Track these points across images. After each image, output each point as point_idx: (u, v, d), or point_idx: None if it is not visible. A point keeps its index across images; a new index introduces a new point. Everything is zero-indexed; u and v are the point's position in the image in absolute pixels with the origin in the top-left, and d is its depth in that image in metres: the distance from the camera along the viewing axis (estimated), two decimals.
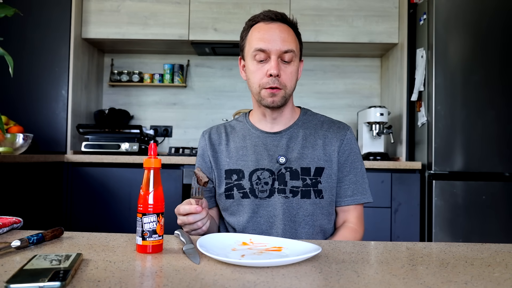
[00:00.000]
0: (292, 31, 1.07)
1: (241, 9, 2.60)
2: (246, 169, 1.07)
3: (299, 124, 1.12)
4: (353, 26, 2.60)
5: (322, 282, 0.55)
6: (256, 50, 1.03)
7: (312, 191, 1.05)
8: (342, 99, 2.99)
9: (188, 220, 0.90)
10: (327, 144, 1.09)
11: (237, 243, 0.77)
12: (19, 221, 0.86)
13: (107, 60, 3.05)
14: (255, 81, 1.05)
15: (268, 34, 1.03)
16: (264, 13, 1.07)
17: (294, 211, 1.05)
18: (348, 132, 1.12)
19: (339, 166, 1.09)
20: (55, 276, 0.52)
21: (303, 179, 1.05)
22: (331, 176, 1.07)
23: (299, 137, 1.09)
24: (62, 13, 2.52)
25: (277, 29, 1.04)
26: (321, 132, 1.11)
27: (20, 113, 2.45)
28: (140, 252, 0.69)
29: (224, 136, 1.15)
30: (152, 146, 0.74)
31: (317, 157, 1.07)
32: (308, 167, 1.06)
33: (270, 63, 1.02)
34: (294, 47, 1.04)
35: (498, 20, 2.27)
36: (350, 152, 1.10)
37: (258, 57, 1.03)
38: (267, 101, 1.04)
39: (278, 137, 1.10)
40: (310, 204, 1.05)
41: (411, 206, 2.30)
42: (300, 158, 1.06)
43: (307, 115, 1.15)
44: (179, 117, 3.01)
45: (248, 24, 1.09)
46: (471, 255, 0.71)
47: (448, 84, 2.26)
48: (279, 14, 1.07)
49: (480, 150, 2.23)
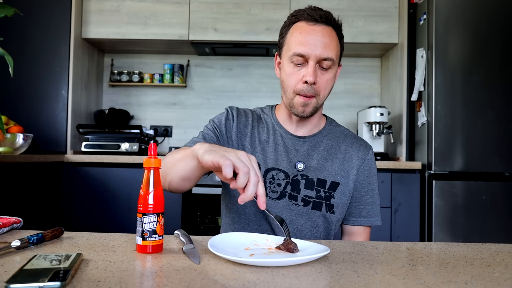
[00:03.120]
0: (335, 34, 0.99)
1: (241, 9, 2.60)
2: (263, 164, 1.04)
3: (323, 133, 1.09)
4: (353, 26, 2.60)
5: (322, 282, 0.55)
6: (294, 54, 0.96)
7: (324, 204, 1.02)
8: (342, 99, 2.99)
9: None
10: (347, 160, 1.06)
11: (253, 242, 0.76)
12: (19, 221, 0.86)
13: (107, 60, 3.05)
14: (289, 85, 1.00)
15: (309, 37, 0.95)
16: (309, 12, 0.98)
17: (302, 220, 1.03)
18: (370, 152, 1.09)
19: (356, 185, 1.06)
20: (55, 276, 0.52)
21: (317, 190, 1.02)
22: (345, 193, 1.04)
23: (321, 147, 1.07)
24: (62, 13, 2.52)
25: (320, 32, 0.96)
26: (343, 146, 1.08)
27: (20, 113, 2.45)
28: (140, 252, 0.69)
29: (251, 121, 1.10)
30: (152, 146, 0.74)
31: (335, 171, 1.04)
32: (324, 179, 1.03)
33: (307, 68, 0.96)
34: (334, 54, 0.96)
35: (498, 20, 2.27)
36: (369, 173, 1.08)
37: (296, 61, 0.97)
38: (298, 110, 1.00)
39: (301, 142, 1.07)
40: (319, 216, 1.03)
41: (411, 206, 2.30)
42: (318, 169, 1.03)
43: (332, 126, 1.12)
44: (179, 117, 3.01)
45: (290, 20, 1.01)
46: (471, 255, 0.71)
47: (448, 84, 2.26)
48: (324, 16, 0.98)
49: (480, 150, 2.23)
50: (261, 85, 3.01)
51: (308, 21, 0.98)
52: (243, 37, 2.59)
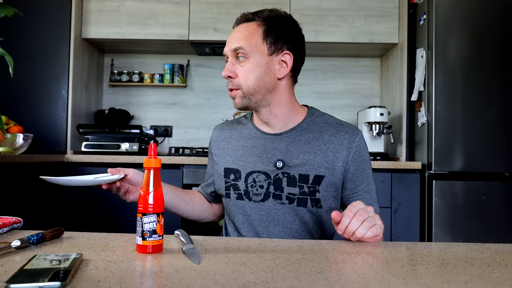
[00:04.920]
0: (255, 26, 1.00)
1: (241, 9, 2.58)
2: (243, 170, 1.05)
3: (303, 126, 1.06)
4: (353, 26, 2.60)
5: (322, 282, 0.55)
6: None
7: (309, 199, 1.01)
8: (342, 99, 2.99)
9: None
10: (331, 151, 1.02)
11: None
12: (19, 221, 0.86)
13: (107, 60, 3.05)
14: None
15: (229, 38, 1.02)
16: (238, 18, 1.05)
17: (290, 217, 1.03)
18: (357, 139, 1.04)
19: (349, 176, 1.04)
20: (55, 276, 0.52)
21: (300, 187, 1.01)
22: (331, 185, 1.02)
23: (301, 140, 1.04)
24: (62, 13, 2.52)
25: (237, 30, 1.01)
26: (326, 136, 1.04)
27: (20, 113, 2.45)
28: (140, 252, 0.69)
29: (229, 132, 1.14)
30: (152, 146, 0.74)
31: (318, 164, 1.02)
32: (307, 175, 1.01)
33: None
34: (244, 44, 0.98)
35: (498, 20, 2.27)
36: (360, 160, 1.05)
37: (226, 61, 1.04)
38: (233, 103, 1.06)
39: (278, 139, 1.05)
40: (306, 212, 1.02)
41: (411, 206, 2.30)
42: (299, 164, 1.01)
43: (314, 117, 1.08)
44: (179, 117, 3.01)
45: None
46: (471, 255, 0.71)
47: (448, 84, 2.26)
48: (244, 16, 1.03)
49: (480, 150, 2.23)
50: None
51: (235, 25, 1.04)
52: None
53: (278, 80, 1.02)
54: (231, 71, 1.00)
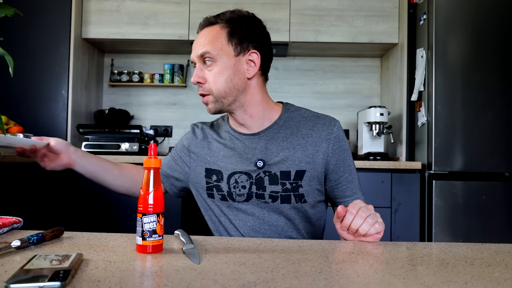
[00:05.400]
0: (219, 29, 0.99)
1: None
2: (225, 171, 1.05)
3: (279, 123, 1.06)
4: (353, 26, 2.60)
5: (322, 282, 0.55)
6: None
7: (293, 195, 1.01)
8: (342, 99, 2.99)
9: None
10: (310, 144, 1.02)
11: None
12: (19, 221, 0.86)
13: (107, 60, 3.05)
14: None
15: (194, 44, 1.02)
16: (201, 22, 1.04)
17: (275, 215, 1.03)
18: (335, 129, 1.04)
19: (331, 168, 1.04)
20: (55, 276, 0.52)
21: (282, 184, 1.01)
22: (314, 179, 1.02)
23: (279, 138, 1.04)
24: (62, 13, 2.52)
25: (201, 35, 1.01)
26: (304, 130, 1.04)
27: (20, 113, 2.45)
28: (140, 252, 0.69)
29: (208, 133, 1.13)
30: (152, 146, 0.74)
31: (298, 159, 1.01)
32: (288, 171, 1.01)
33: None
34: (210, 48, 0.97)
35: (498, 20, 2.27)
36: (340, 151, 1.04)
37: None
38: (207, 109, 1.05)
39: (256, 139, 1.05)
40: (290, 209, 1.02)
41: (411, 206, 2.30)
42: (279, 162, 1.01)
43: (290, 112, 1.08)
44: (179, 117, 3.01)
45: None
46: (471, 255, 0.71)
47: (448, 84, 2.26)
48: (207, 20, 1.02)
49: (480, 150, 2.23)
50: None
51: (199, 30, 1.03)
52: None
53: (248, 80, 1.02)
54: (200, 76, 1.00)
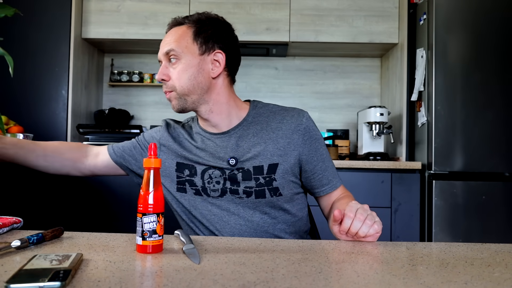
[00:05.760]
0: (185, 28, 1.02)
1: (241, 9, 2.60)
2: (198, 167, 1.05)
3: (248, 120, 1.06)
4: (353, 26, 2.60)
5: (322, 282, 0.55)
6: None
7: (267, 190, 1.01)
8: (342, 99, 2.99)
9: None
10: (281, 137, 1.03)
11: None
12: (19, 221, 0.86)
13: (107, 60, 3.05)
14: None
15: (161, 43, 1.03)
16: (169, 22, 1.06)
17: (250, 211, 1.03)
18: (304, 120, 1.05)
19: (305, 158, 1.04)
20: (55, 276, 0.52)
21: (256, 179, 1.01)
22: (287, 171, 1.02)
23: (250, 134, 1.04)
24: (62, 13, 2.52)
25: (168, 34, 1.03)
26: (274, 124, 1.05)
27: (20, 113, 2.45)
28: (140, 252, 0.69)
29: (180, 131, 1.12)
30: (152, 146, 0.74)
31: (270, 152, 1.02)
32: (260, 166, 1.01)
33: None
34: (175, 46, 0.99)
35: (498, 20, 2.27)
36: (311, 141, 1.05)
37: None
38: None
39: (226, 138, 1.05)
40: (266, 203, 1.03)
41: (411, 206, 2.30)
42: (252, 157, 1.02)
43: (258, 108, 1.09)
44: (179, 117, 3.01)
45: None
46: (471, 255, 0.71)
47: (448, 84, 2.26)
48: (175, 20, 1.04)
49: (480, 150, 2.23)
50: (261, 85, 3.01)
51: (167, 30, 1.05)
52: (243, 37, 2.59)
53: (213, 79, 1.03)
54: (164, 73, 1.01)
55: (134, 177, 1.16)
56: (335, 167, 1.11)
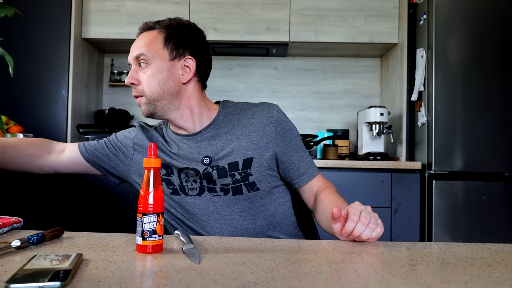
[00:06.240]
0: (156, 33, 1.02)
1: (241, 9, 2.60)
2: (174, 166, 1.05)
3: (219, 119, 1.06)
4: (353, 26, 2.60)
5: (322, 282, 0.55)
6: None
7: (244, 185, 1.01)
8: (342, 99, 2.99)
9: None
10: (254, 131, 1.03)
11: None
12: (19, 221, 0.87)
13: (107, 60, 3.05)
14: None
15: (131, 46, 1.03)
16: (140, 26, 1.05)
17: (228, 209, 1.03)
18: (275, 112, 1.05)
19: (279, 150, 1.04)
20: (55, 276, 0.52)
21: (231, 175, 1.01)
22: (262, 164, 1.02)
23: (222, 132, 1.04)
24: (62, 13, 2.52)
25: (139, 39, 1.02)
26: (245, 120, 1.05)
27: (20, 113, 2.45)
28: (140, 252, 0.69)
29: (154, 134, 1.13)
30: (152, 146, 0.75)
31: (244, 148, 1.02)
32: (235, 162, 1.01)
33: None
34: (145, 50, 0.99)
35: (498, 20, 2.27)
36: (284, 132, 1.05)
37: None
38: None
39: (199, 138, 1.05)
40: (244, 199, 1.02)
41: (411, 206, 2.30)
42: (226, 155, 1.02)
43: (227, 107, 1.09)
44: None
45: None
46: (471, 255, 0.71)
47: (448, 84, 2.26)
48: (146, 25, 1.04)
49: (480, 150, 2.23)
50: (261, 85, 3.01)
51: (137, 35, 1.05)
52: (243, 37, 2.59)
53: (183, 85, 1.03)
54: (134, 78, 1.01)
55: (109, 176, 1.15)
56: (310, 156, 1.11)
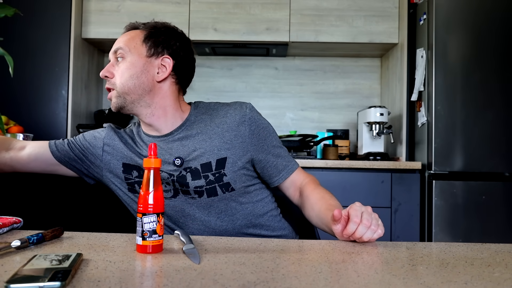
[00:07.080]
0: (138, 32, 1.03)
1: (241, 9, 2.60)
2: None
3: (191, 119, 1.05)
4: (353, 26, 2.60)
5: (322, 282, 0.55)
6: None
7: (218, 186, 1.00)
8: (342, 99, 2.99)
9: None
10: (227, 130, 1.02)
11: None
12: (19, 221, 0.86)
13: (107, 60, 3.05)
14: None
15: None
16: (126, 25, 1.07)
17: (205, 211, 1.02)
18: (248, 111, 1.04)
19: (255, 149, 1.03)
20: (55, 276, 0.52)
21: (205, 177, 0.99)
22: (236, 163, 1.00)
23: (194, 133, 1.03)
24: (62, 13, 2.52)
25: (122, 36, 1.04)
26: (218, 119, 1.03)
27: (20, 113, 2.46)
28: (140, 252, 0.69)
29: (123, 136, 1.11)
30: (152, 146, 0.74)
31: (217, 147, 1.00)
32: (208, 162, 0.99)
33: None
34: (124, 44, 1.01)
35: (498, 20, 2.27)
36: (259, 130, 1.04)
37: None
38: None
39: (170, 139, 1.03)
40: (219, 201, 1.01)
41: (411, 206, 2.30)
42: (198, 156, 1.00)
43: (199, 108, 1.08)
44: None
45: None
46: (471, 255, 0.71)
47: (448, 84, 2.26)
48: (132, 24, 1.06)
49: (480, 150, 2.23)
50: (261, 85, 3.01)
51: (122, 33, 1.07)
52: (243, 37, 2.59)
53: (158, 83, 1.02)
54: (108, 71, 1.02)
55: (83, 176, 1.13)
56: (287, 151, 1.10)
